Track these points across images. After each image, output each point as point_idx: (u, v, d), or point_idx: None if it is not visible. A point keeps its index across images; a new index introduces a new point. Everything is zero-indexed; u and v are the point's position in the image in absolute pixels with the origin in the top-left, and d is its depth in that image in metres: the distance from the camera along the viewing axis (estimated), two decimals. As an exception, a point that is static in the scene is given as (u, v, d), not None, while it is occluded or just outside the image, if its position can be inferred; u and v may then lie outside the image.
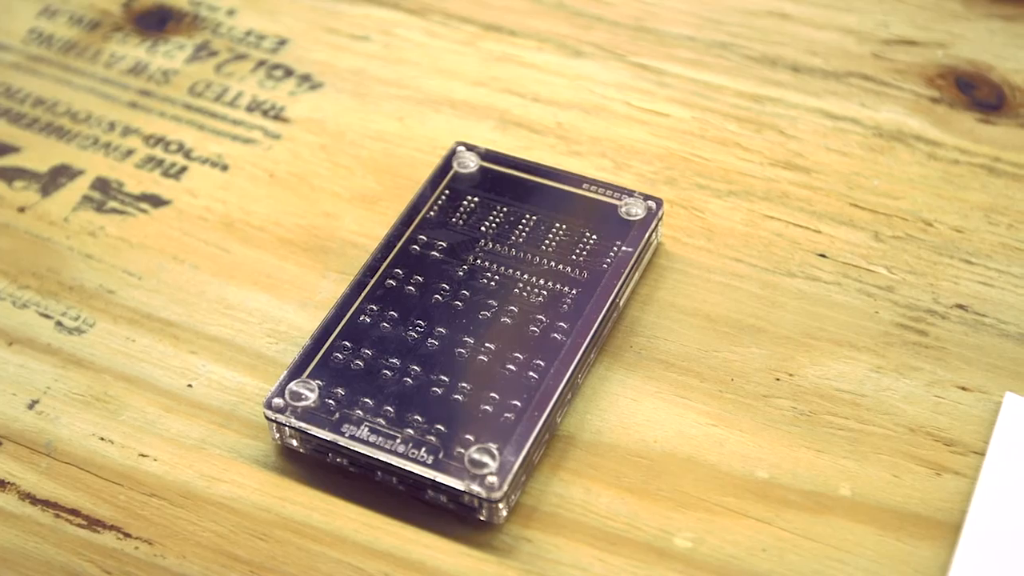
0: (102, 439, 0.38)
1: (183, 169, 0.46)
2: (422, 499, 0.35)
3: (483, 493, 0.34)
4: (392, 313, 0.38)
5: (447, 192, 0.41)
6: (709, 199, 0.43)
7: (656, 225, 0.40)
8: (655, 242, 0.41)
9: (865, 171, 0.44)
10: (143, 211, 0.45)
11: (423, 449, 0.35)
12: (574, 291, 0.38)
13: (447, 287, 0.39)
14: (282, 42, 0.51)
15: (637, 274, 0.40)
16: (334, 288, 0.41)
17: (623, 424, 0.37)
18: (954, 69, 0.47)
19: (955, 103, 0.46)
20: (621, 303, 0.39)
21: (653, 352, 0.39)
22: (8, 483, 0.37)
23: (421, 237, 0.40)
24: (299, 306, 0.41)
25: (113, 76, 0.50)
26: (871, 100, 0.46)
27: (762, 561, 0.34)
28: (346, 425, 0.36)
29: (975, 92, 0.46)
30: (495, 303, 0.38)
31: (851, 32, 0.49)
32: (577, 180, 0.41)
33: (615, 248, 0.39)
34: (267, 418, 0.36)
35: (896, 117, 0.45)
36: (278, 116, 0.48)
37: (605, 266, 0.39)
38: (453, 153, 0.42)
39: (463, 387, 0.36)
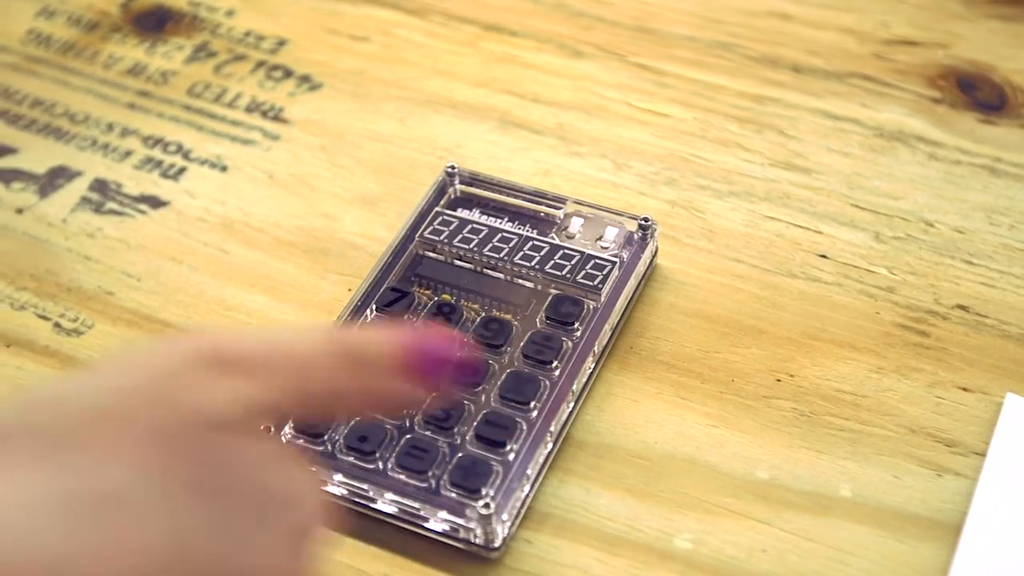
0: (101, 441, 0.38)
1: (182, 170, 0.46)
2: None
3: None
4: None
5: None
6: (710, 200, 0.43)
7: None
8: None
9: (866, 171, 0.43)
10: (142, 212, 0.45)
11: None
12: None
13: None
14: (281, 43, 0.51)
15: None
16: (334, 289, 0.41)
17: (623, 425, 0.37)
18: (955, 69, 0.47)
19: (956, 103, 0.46)
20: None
21: (653, 353, 0.39)
22: (6, 485, 0.37)
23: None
24: (299, 307, 0.41)
25: (112, 77, 0.50)
26: (872, 100, 0.46)
27: (762, 562, 0.34)
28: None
29: (976, 92, 0.46)
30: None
31: (852, 32, 0.48)
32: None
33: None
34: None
35: (897, 117, 0.45)
36: (277, 117, 0.48)
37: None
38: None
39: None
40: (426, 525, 0.34)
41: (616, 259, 0.39)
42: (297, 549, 0.27)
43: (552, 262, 0.39)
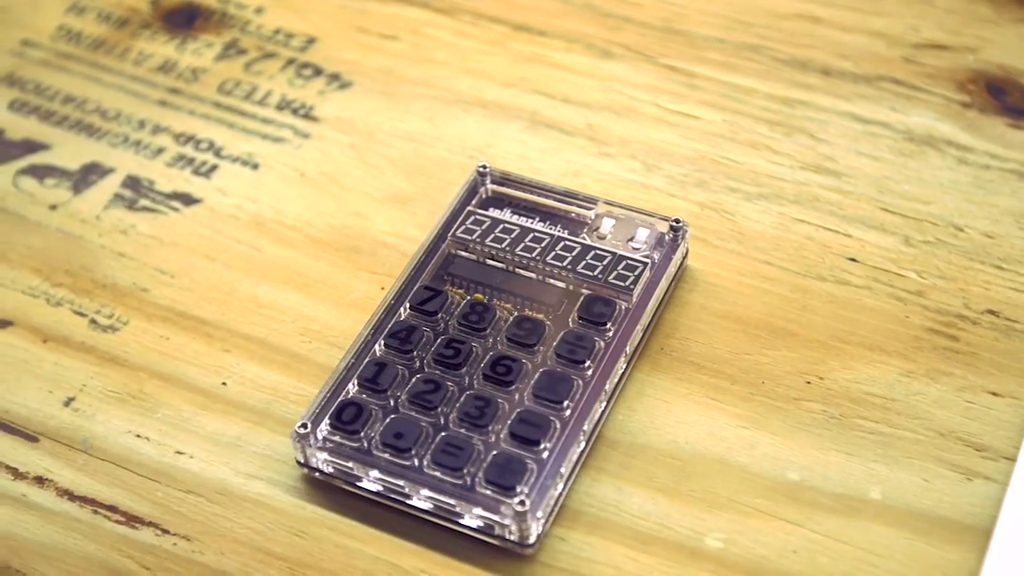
0: (138, 436, 0.38)
1: (214, 167, 0.46)
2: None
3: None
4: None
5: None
6: (739, 202, 0.43)
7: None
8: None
9: (895, 175, 0.44)
10: (174, 209, 0.45)
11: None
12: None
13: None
14: (311, 41, 0.51)
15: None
16: (366, 288, 0.42)
17: (654, 425, 0.37)
18: (984, 74, 0.47)
19: (986, 108, 0.46)
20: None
21: (684, 354, 0.39)
22: (46, 479, 0.37)
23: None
24: (332, 305, 0.41)
25: (142, 74, 0.50)
26: (901, 104, 0.46)
27: (792, 563, 0.34)
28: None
29: (1006, 97, 0.46)
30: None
31: (881, 36, 0.49)
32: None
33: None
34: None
35: (927, 121, 0.45)
36: (308, 115, 0.48)
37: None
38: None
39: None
40: (461, 521, 0.35)
41: (647, 260, 0.40)
42: None
43: (584, 262, 0.40)
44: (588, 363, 0.37)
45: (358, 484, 0.36)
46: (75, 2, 0.54)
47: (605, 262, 0.39)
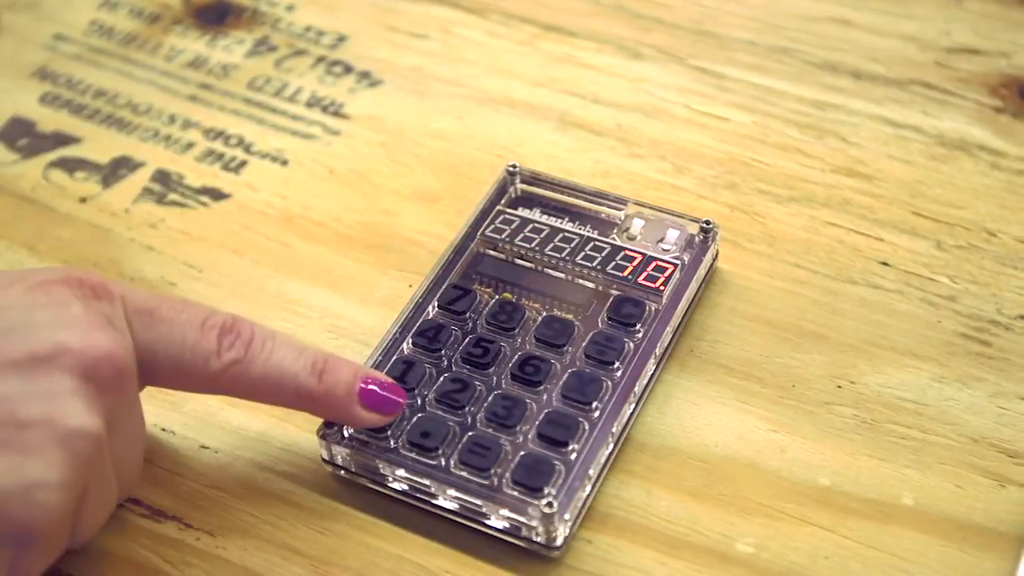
0: (164, 429, 0.38)
1: (243, 163, 0.46)
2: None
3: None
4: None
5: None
6: (770, 204, 0.43)
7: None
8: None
9: (927, 179, 0.43)
10: (203, 204, 0.45)
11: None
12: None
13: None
14: (341, 39, 0.51)
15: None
16: (394, 285, 0.41)
17: (684, 428, 0.37)
18: (1017, 79, 0.47)
19: (1018, 113, 0.45)
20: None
21: (714, 357, 0.39)
22: (72, 471, 0.37)
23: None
24: (360, 302, 0.41)
25: (173, 69, 0.50)
26: (933, 108, 0.46)
27: (824, 568, 0.34)
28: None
29: (1040, 102, 0.46)
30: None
31: (913, 40, 0.48)
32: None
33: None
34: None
35: (959, 126, 0.45)
36: (337, 112, 0.48)
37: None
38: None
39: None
40: (487, 522, 0.35)
41: (677, 261, 0.39)
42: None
43: (613, 263, 0.39)
44: (617, 364, 0.37)
45: (383, 482, 0.36)
46: (106, -2, 0.54)
47: (635, 263, 0.39)
